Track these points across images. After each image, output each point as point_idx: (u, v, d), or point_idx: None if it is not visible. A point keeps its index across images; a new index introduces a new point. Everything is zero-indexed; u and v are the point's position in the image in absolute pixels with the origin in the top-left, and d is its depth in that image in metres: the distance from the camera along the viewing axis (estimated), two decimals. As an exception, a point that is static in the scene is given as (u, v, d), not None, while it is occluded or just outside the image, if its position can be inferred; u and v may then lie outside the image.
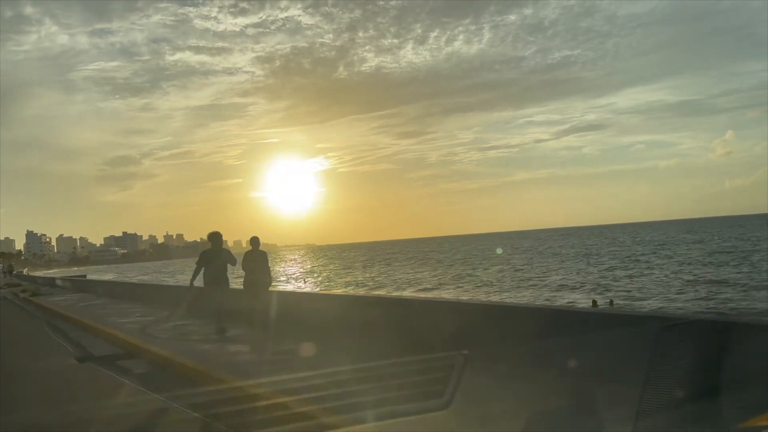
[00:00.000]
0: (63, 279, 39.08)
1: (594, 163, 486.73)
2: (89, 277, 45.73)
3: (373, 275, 58.24)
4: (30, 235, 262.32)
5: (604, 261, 54.46)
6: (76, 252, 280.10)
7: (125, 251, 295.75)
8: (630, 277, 37.79)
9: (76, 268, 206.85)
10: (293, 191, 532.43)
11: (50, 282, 41.97)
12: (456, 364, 4.93)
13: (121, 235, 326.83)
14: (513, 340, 6.64)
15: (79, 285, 32.28)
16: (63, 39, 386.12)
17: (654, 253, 59.33)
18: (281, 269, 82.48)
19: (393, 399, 5.09)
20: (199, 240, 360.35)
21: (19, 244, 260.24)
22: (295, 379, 6.54)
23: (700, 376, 4.04)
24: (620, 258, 56.16)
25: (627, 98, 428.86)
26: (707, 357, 4.32)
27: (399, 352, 7.14)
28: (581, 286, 34.63)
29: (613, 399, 4.35)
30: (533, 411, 4.91)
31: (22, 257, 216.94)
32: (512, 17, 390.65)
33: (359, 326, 9.09)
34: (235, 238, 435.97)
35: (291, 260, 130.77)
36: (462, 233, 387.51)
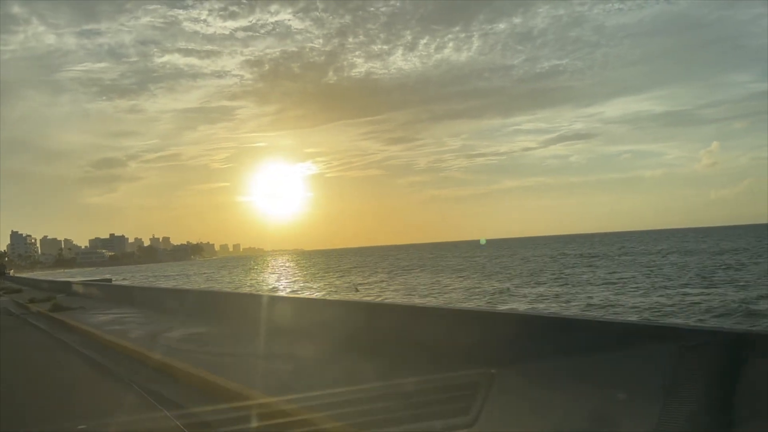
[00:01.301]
0: (85, 284, 30.06)
1: (581, 172, 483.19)
2: (104, 279, 36.77)
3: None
4: (15, 236, 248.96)
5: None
6: (62, 254, 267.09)
7: (113, 253, 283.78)
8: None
9: (62, 270, 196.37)
10: (281, 196, 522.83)
11: (62, 288, 32.88)
12: (482, 382, 4.98)
13: (107, 237, 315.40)
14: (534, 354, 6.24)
15: (113, 293, 23.47)
16: (50, 39, 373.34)
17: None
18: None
19: (418, 416, 4.90)
20: (186, 243, 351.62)
21: (2, 245, 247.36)
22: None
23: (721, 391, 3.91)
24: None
25: (615, 108, 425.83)
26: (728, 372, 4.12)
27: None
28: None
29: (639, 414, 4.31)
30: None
31: (6, 258, 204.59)
32: (502, 26, 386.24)
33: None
34: (222, 242, 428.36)
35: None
36: (450, 240, 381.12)
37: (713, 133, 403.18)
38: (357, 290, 50.44)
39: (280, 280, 65.82)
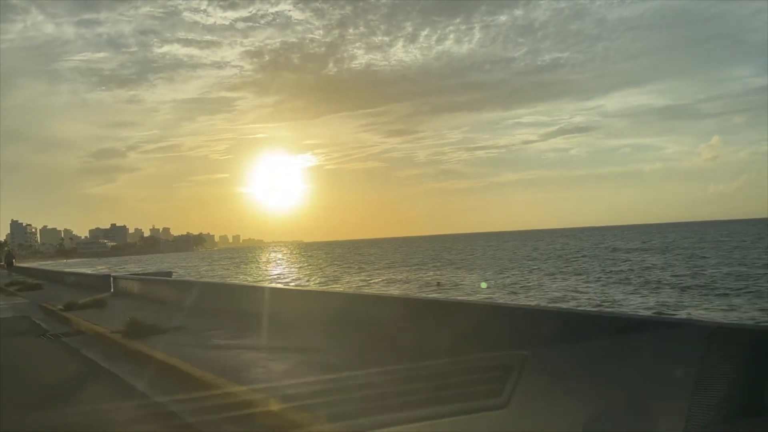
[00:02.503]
0: (142, 279, 20.71)
1: (581, 166, 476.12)
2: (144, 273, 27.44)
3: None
4: (15, 225, 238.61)
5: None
6: (63, 243, 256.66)
7: (114, 243, 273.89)
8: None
9: (64, 260, 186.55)
10: (281, 187, 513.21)
11: (100, 284, 23.62)
12: (514, 363, 4.95)
13: (108, 227, 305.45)
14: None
15: (189, 294, 14.30)
16: (49, 28, 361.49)
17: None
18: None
19: (451, 397, 4.86)
20: (187, 234, 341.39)
21: (2, 235, 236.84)
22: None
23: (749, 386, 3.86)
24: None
25: (615, 101, 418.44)
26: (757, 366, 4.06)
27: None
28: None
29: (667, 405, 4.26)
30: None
31: (6, 248, 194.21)
32: (503, 18, 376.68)
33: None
34: (222, 233, 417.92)
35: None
36: (449, 233, 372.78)
37: (713, 127, 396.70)
38: (439, 284, 43.15)
39: (370, 277, 53.98)
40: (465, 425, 4.61)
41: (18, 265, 48.35)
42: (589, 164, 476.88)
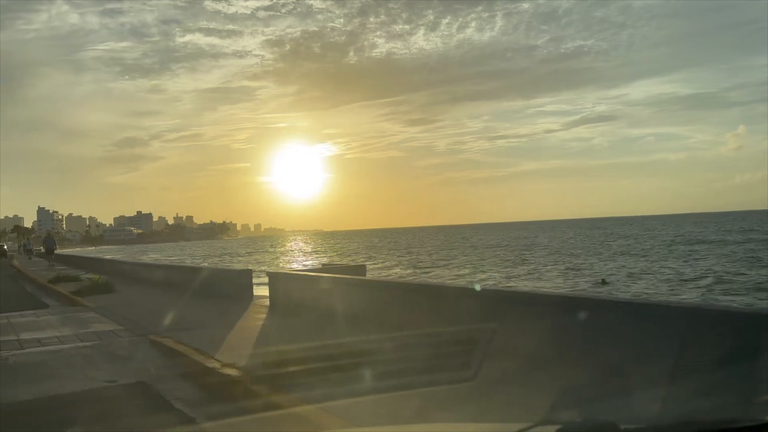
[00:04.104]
0: (350, 283, 9.36)
1: (603, 155, 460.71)
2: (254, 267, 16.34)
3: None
4: (41, 212, 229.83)
5: None
6: (89, 231, 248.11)
7: (140, 231, 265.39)
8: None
9: (93, 247, 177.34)
10: (301, 177, 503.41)
11: (216, 284, 12.50)
12: (482, 338, 5.10)
13: (134, 215, 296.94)
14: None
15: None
16: (73, 18, 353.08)
17: None
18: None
19: (422, 368, 4.96)
20: (210, 222, 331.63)
21: (28, 222, 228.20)
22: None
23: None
24: None
25: (639, 90, 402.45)
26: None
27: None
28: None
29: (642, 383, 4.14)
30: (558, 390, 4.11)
31: (33, 235, 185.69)
32: (525, 5, 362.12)
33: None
34: (244, 222, 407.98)
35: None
36: (468, 222, 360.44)
37: (738, 116, 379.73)
38: (605, 283, 31.93)
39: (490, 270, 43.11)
40: (435, 396, 4.59)
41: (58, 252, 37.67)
42: (612, 154, 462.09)
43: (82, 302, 14.04)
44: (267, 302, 12.31)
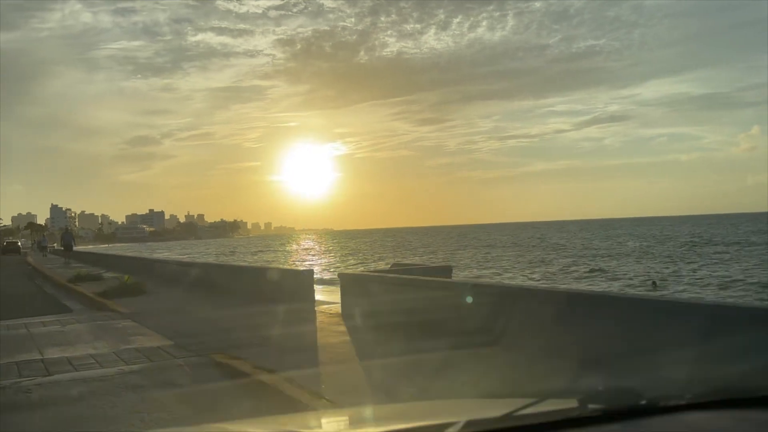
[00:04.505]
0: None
1: (615, 156, 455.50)
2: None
3: None
4: (54, 209, 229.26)
5: None
6: (101, 228, 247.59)
7: (153, 229, 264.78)
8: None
9: (107, 245, 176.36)
10: (311, 175, 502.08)
11: (263, 288, 10.39)
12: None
13: (146, 213, 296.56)
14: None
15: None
16: (86, 17, 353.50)
17: None
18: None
19: None
20: (221, 221, 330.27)
21: (41, 219, 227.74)
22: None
23: None
24: None
25: (651, 90, 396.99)
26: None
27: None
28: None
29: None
30: None
31: (47, 232, 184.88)
32: (537, 4, 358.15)
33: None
34: (254, 220, 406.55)
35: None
36: (478, 222, 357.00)
37: (752, 116, 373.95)
38: (656, 285, 29.77)
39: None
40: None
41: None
42: (624, 154, 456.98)
43: (112, 306, 11.90)
44: (333, 309, 10.16)
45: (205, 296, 12.51)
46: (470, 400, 3.26)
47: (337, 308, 10.07)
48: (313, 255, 73.17)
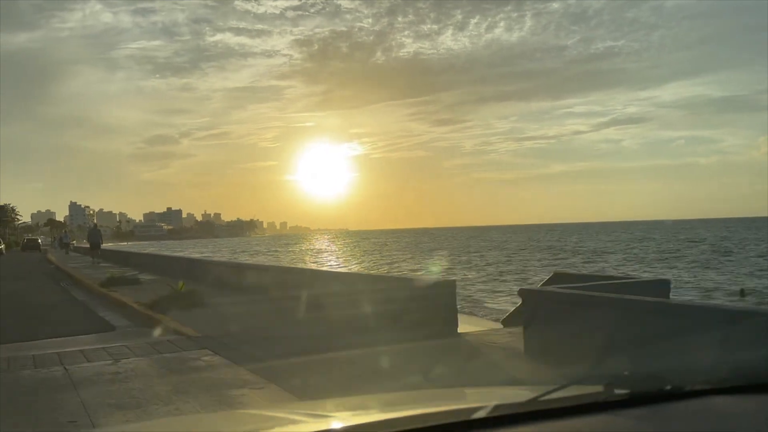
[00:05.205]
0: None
1: (633, 157, 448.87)
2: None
3: None
4: (73, 207, 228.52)
5: None
6: (120, 226, 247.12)
7: (171, 227, 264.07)
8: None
9: (126, 243, 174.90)
10: (327, 175, 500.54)
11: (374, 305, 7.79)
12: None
13: (163, 211, 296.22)
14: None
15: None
16: (106, 17, 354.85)
17: None
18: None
19: None
20: (237, 219, 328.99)
21: (60, 217, 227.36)
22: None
23: None
24: None
25: (670, 92, 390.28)
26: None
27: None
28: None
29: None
30: None
31: (67, 228, 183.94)
32: (555, 5, 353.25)
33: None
34: (270, 220, 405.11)
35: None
36: (494, 224, 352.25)
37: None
38: (744, 294, 26.59)
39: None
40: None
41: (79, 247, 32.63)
42: (642, 156, 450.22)
43: (170, 324, 8.83)
44: (493, 338, 7.06)
45: (290, 311, 9.40)
46: (497, 387, 3.15)
47: (504, 339, 6.93)
48: (353, 255, 69.71)
